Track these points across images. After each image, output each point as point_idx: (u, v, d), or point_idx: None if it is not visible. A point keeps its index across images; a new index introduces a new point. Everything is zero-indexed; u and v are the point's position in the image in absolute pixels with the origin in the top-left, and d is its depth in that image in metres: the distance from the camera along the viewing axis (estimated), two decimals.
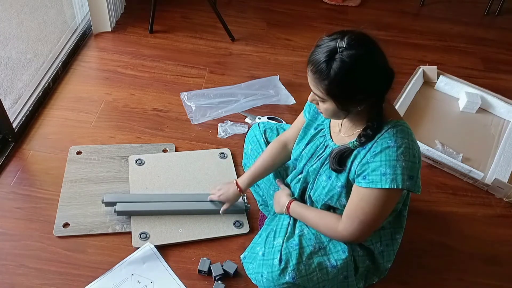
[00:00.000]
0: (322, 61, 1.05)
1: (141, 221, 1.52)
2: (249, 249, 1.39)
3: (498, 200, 1.79)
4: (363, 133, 1.14)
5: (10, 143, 1.74)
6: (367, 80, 1.07)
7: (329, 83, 1.06)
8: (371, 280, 1.39)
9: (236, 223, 1.56)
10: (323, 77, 1.06)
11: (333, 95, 1.08)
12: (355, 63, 1.03)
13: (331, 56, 1.04)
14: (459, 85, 2.23)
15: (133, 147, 1.79)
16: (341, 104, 1.10)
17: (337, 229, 1.22)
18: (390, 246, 1.34)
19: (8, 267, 1.39)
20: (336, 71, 1.04)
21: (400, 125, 1.14)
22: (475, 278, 1.53)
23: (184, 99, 2.02)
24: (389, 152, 1.11)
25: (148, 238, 1.48)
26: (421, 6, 2.97)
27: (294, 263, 1.23)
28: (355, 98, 1.09)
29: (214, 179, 1.69)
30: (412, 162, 1.11)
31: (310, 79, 1.12)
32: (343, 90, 1.07)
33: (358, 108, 1.11)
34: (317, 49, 1.08)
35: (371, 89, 1.09)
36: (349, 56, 1.03)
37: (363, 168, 1.14)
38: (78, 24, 2.36)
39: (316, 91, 1.11)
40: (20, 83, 2.03)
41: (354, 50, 1.03)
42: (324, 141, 1.29)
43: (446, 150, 1.92)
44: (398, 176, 1.10)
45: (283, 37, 2.54)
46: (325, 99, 1.11)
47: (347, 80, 1.05)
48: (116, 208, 1.51)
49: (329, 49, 1.05)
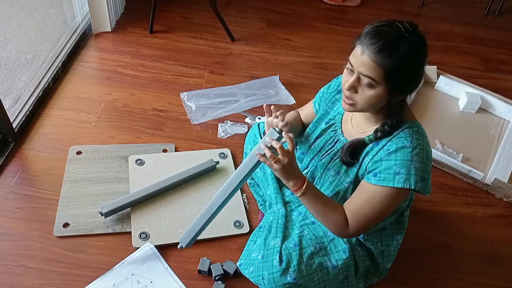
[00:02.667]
0: (389, 41, 1.01)
1: (141, 221, 1.52)
2: (244, 256, 1.39)
3: (498, 200, 1.79)
4: (380, 128, 1.13)
5: (10, 143, 1.74)
6: (422, 69, 1.07)
7: (396, 63, 1.01)
8: (371, 280, 1.39)
9: (236, 223, 1.56)
10: (390, 56, 1.01)
11: (393, 77, 1.03)
12: (420, 48, 1.04)
13: (398, 36, 1.01)
14: (459, 85, 2.23)
15: (133, 147, 1.79)
16: (392, 90, 1.06)
17: (345, 227, 1.17)
18: (390, 246, 1.34)
19: (8, 267, 1.39)
20: (405, 51, 1.01)
21: (416, 126, 1.14)
22: (475, 278, 1.53)
23: (184, 99, 2.03)
24: (405, 152, 1.10)
25: (148, 238, 1.48)
26: (421, 6, 2.97)
27: (295, 263, 1.23)
28: (408, 84, 1.07)
29: (214, 179, 1.69)
30: (425, 164, 1.11)
31: (365, 61, 1.03)
32: (405, 73, 1.04)
33: (399, 98, 1.10)
34: (374, 29, 1.04)
35: (419, 80, 1.09)
36: (416, 40, 1.03)
37: (375, 166, 1.13)
38: (78, 24, 2.36)
39: (372, 73, 1.03)
40: (20, 83, 2.03)
41: (418, 35, 1.04)
42: (334, 135, 1.28)
43: (446, 150, 1.92)
44: (411, 176, 1.09)
45: (283, 37, 2.54)
46: (377, 83, 1.05)
47: (412, 63, 1.04)
48: (102, 211, 1.49)
49: (394, 30, 1.02)
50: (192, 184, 1.66)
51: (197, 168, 1.68)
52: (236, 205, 1.60)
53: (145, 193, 1.58)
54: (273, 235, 1.32)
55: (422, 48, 1.04)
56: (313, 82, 2.20)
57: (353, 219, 1.17)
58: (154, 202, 1.59)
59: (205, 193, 1.64)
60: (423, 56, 1.06)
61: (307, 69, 2.32)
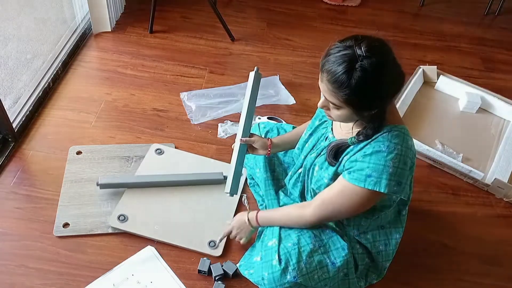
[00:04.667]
0: (342, 71, 1.02)
1: (127, 204, 1.56)
2: (245, 259, 1.42)
3: (498, 200, 1.79)
4: (362, 132, 1.15)
5: (10, 143, 1.74)
6: (386, 86, 1.06)
7: (350, 92, 1.03)
8: (371, 278, 1.39)
9: (211, 243, 1.50)
10: (343, 87, 1.03)
11: (352, 104, 1.07)
12: (376, 72, 1.02)
13: (351, 65, 1.01)
14: (459, 85, 2.23)
15: (133, 147, 1.79)
16: (357, 111, 1.09)
17: (304, 213, 1.26)
18: (388, 245, 1.34)
19: (8, 267, 1.39)
20: (357, 81, 1.01)
21: (397, 130, 1.14)
22: (475, 278, 1.53)
23: (184, 99, 2.02)
24: (379, 156, 1.12)
25: (126, 220, 1.51)
26: (421, 6, 2.97)
27: (294, 262, 1.23)
28: (373, 104, 1.08)
29: (214, 192, 1.64)
30: (401, 169, 1.12)
31: (325, 88, 1.08)
32: (363, 98, 1.05)
33: (371, 113, 1.10)
34: (332, 57, 1.05)
35: (389, 94, 1.09)
36: (370, 64, 1.00)
37: (351, 165, 1.16)
38: (78, 24, 2.36)
39: (332, 100, 1.08)
40: (20, 83, 2.03)
41: (374, 58, 1.01)
42: (325, 132, 1.31)
43: (446, 150, 1.92)
44: (382, 180, 1.11)
45: (283, 37, 2.54)
46: (341, 107, 1.09)
47: (369, 88, 1.04)
48: (98, 181, 1.56)
49: (348, 57, 1.02)
50: (192, 189, 1.64)
51: (204, 175, 1.66)
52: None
53: (144, 180, 1.61)
54: (269, 237, 1.33)
55: (381, 69, 1.02)
56: (313, 82, 2.20)
57: (321, 206, 1.23)
58: (149, 192, 1.60)
59: (200, 202, 1.61)
60: (385, 74, 1.04)
61: (307, 69, 2.31)
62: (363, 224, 1.31)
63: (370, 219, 1.30)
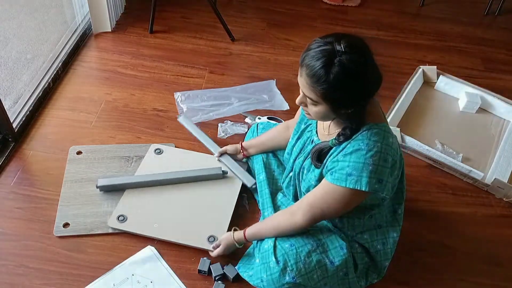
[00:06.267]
0: (320, 65, 1.04)
1: (126, 204, 1.55)
2: (244, 261, 1.41)
3: (498, 200, 1.79)
4: (342, 132, 1.17)
5: (10, 143, 1.74)
6: (364, 84, 1.08)
7: (328, 87, 1.05)
8: (372, 278, 1.39)
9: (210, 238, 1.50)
10: (321, 81, 1.05)
11: (329, 99, 1.08)
12: (354, 68, 1.03)
13: (330, 60, 1.03)
14: (459, 85, 2.23)
15: (133, 147, 1.79)
16: (334, 107, 1.10)
17: (295, 221, 1.25)
18: (386, 244, 1.34)
19: (8, 267, 1.39)
20: (335, 75, 1.03)
21: (377, 128, 1.14)
22: (475, 278, 1.53)
23: (178, 100, 2.01)
24: (359, 154, 1.12)
25: (125, 220, 1.50)
26: (421, 6, 2.97)
27: (293, 262, 1.23)
28: (349, 101, 1.09)
29: (214, 188, 1.64)
30: (382, 166, 1.13)
31: (304, 82, 1.10)
32: (341, 94, 1.07)
33: (348, 111, 1.11)
34: (312, 52, 1.07)
35: (366, 92, 1.09)
36: (349, 60, 1.02)
37: (333, 165, 1.17)
38: (78, 24, 2.36)
39: (310, 94, 1.10)
40: (20, 83, 2.03)
41: (353, 54, 1.03)
42: (310, 135, 1.33)
43: (446, 150, 1.92)
44: (363, 178, 1.12)
45: (283, 37, 2.54)
46: (318, 102, 1.11)
47: (346, 84, 1.05)
48: (97, 184, 1.56)
49: (327, 52, 1.04)
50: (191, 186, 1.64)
51: (203, 171, 1.66)
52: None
53: (143, 179, 1.61)
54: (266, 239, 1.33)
55: (359, 66, 1.04)
56: None
57: (310, 210, 1.23)
58: (148, 191, 1.60)
59: (199, 198, 1.61)
60: (363, 71, 1.05)
61: None
62: (358, 225, 1.32)
63: (362, 219, 1.30)
